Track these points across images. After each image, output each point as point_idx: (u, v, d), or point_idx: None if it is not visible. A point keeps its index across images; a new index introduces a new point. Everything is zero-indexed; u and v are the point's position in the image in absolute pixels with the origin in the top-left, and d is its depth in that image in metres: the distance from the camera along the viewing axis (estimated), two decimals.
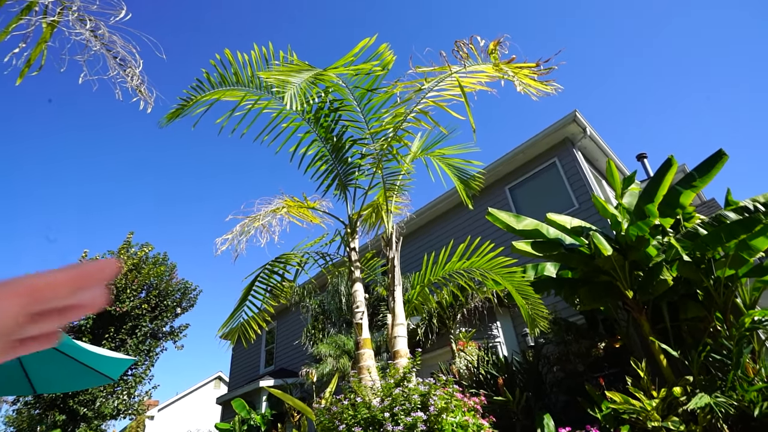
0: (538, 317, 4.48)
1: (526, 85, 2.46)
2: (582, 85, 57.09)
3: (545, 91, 2.58)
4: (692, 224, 6.07)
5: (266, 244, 3.99)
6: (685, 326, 5.63)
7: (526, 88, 2.47)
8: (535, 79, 2.55)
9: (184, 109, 3.25)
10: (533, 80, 2.55)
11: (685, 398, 4.39)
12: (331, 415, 2.42)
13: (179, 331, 13.14)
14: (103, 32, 2.23)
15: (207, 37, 46.96)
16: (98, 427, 11.12)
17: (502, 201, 9.81)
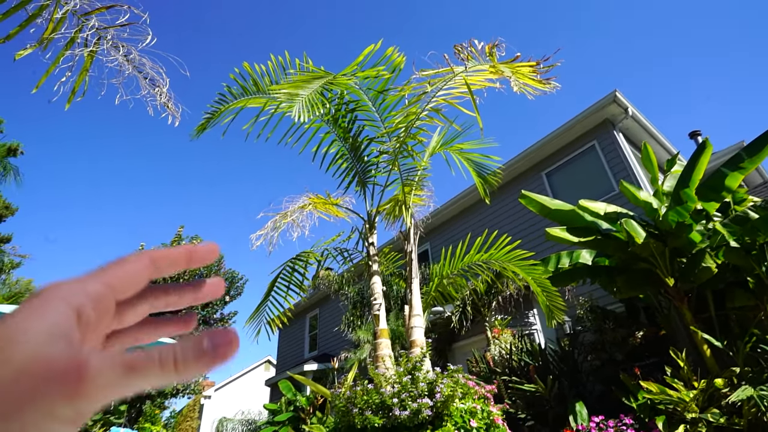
0: (555, 309, 4.45)
1: (522, 84, 2.44)
2: (626, 64, 53.38)
3: (542, 90, 2.54)
4: (743, 208, 5.70)
5: (297, 238, 4.21)
6: (733, 315, 5.34)
7: (523, 87, 2.45)
8: (535, 78, 2.52)
9: (212, 119, 3.49)
10: (533, 79, 2.52)
11: (728, 390, 4.22)
12: (346, 399, 2.60)
13: (228, 318, 14.00)
14: (134, 56, 2.44)
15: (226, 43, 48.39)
16: (161, 404, 12.18)
17: (538, 187, 9.57)
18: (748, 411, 3.90)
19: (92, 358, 0.21)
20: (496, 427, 2.63)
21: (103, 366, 0.21)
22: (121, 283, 0.26)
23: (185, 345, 0.24)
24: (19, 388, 0.19)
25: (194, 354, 0.23)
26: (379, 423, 2.37)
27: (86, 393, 0.20)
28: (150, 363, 0.22)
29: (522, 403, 5.53)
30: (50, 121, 43.04)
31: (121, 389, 0.22)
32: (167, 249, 0.29)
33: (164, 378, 0.23)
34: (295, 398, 10.47)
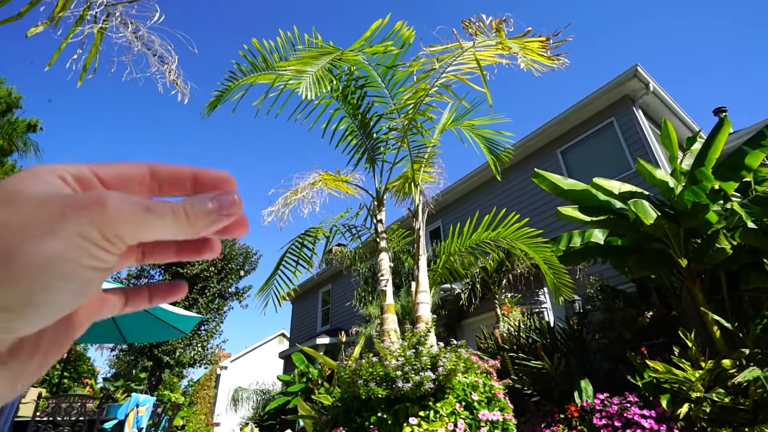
0: (563, 286, 4.46)
1: (530, 61, 2.37)
2: (649, 37, 51.17)
3: (550, 66, 2.47)
4: (764, 188, 5.55)
5: (308, 215, 4.27)
6: (747, 297, 5.28)
7: (530, 64, 2.39)
8: (544, 54, 2.45)
9: (223, 96, 3.51)
10: (542, 56, 2.45)
11: (736, 371, 4.22)
12: (351, 371, 2.70)
13: (243, 292, 14.37)
14: (143, 33, 2.46)
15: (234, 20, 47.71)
16: (179, 373, 12.71)
17: (553, 164, 9.42)
18: (754, 391, 3.91)
19: (110, 192, 0.23)
20: (498, 401, 2.70)
21: (122, 200, 0.23)
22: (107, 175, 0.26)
23: (194, 200, 0.25)
24: (47, 210, 0.21)
25: (202, 209, 0.25)
26: (383, 394, 2.46)
27: (109, 218, 0.22)
28: (164, 208, 0.24)
29: (528, 380, 5.62)
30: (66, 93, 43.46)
31: (141, 227, 0.23)
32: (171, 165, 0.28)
33: (178, 227, 0.24)
34: (307, 370, 10.81)
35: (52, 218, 0.21)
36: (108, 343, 13.50)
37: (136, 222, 0.23)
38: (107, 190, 0.24)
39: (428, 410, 2.43)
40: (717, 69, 68.11)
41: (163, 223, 0.24)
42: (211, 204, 0.25)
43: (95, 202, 0.22)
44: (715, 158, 4.60)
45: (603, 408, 4.72)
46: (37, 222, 0.21)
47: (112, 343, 10.95)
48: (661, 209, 5.22)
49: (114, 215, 0.22)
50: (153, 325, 6.86)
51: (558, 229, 8.46)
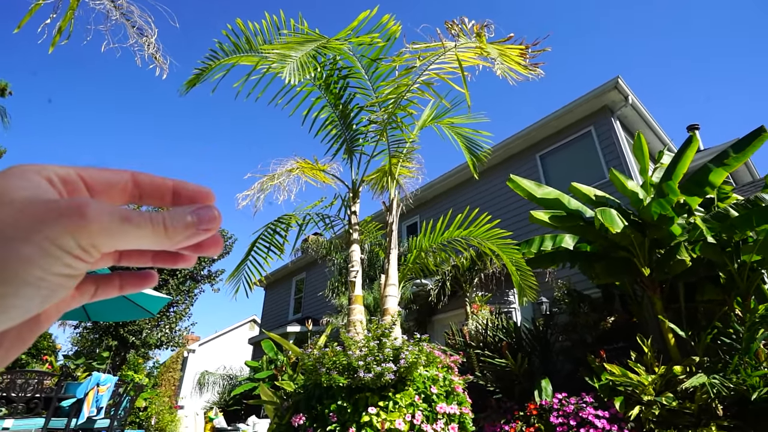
0: (528, 288, 4.59)
1: (506, 69, 2.42)
2: (632, 53, 52.41)
3: (526, 75, 2.53)
4: (725, 205, 5.80)
5: (283, 202, 4.24)
6: (702, 308, 5.53)
7: (507, 71, 2.43)
8: (522, 63, 2.49)
9: (203, 74, 3.43)
10: (520, 64, 2.50)
11: (685, 377, 4.43)
12: (315, 359, 2.72)
13: (215, 275, 14.18)
14: (122, 2, 2.38)
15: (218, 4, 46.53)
16: (145, 354, 12.48)
17: (531, 168, 9.60)
18: (699, 397, 4.12)
19: (92, 201, 0.23)
20: (457, 395, 2.77)
21: (103, 209, 0.23)
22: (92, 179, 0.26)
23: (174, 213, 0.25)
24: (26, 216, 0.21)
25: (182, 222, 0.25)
26: (344, 383, 2.49)
27: (87, 227, 0.22)
28: (144, 220, 0.24)
29: (492, 377, 5.76)
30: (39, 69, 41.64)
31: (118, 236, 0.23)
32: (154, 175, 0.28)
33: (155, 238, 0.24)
34: (276, 357, 10.78)
35: (30, 225, 0.21)
36: (71, 320, 13.12)
37: (114, 232, 0.23)
38: (88, 198, 0.23)
39: (388, 401, 2.48)
40: (696, 87, 70.74)
41: (141, 234, 0.24)
42: (190, 217, 0.25)
43: (75, 210, 0.22)
44: (683, 173, 4.79)
45: (560, 407, 4.89)
46: (14, 228, 0.21)
47: (76, 320, 10.66)
48: (629, 219, 5.41)
49: (92, 225, 0.22)
50: (119, 304, 6.71)
51: (533, 231, 8.65)
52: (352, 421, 2.50)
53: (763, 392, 3.90)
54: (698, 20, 52.71)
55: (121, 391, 5.68)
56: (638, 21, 46.53)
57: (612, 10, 51.16)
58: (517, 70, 2.50)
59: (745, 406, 4.16)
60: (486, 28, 2.51)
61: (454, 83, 3.13)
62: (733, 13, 55.17)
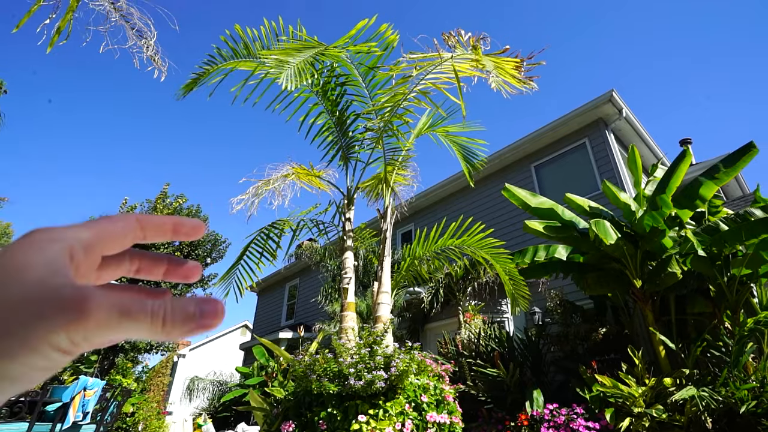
0: (521, 298, 4.61)
1: (501, 82, 2.45)
2: (627, 65, 53.29)
3: (520, 89, 2.56)
4: (716, 219, 5.87)
5: (277, 207, 4.24)
6: (692, 320, 5.58)
7: (501, 85, 2.46)
8: (516, 76, 2.53)
9: (200, 79, 3.44)
10: (514, 78, 2.53)
11: (675, 389, 4.45)
12: (305, 366, 2.71)
13: (209, 279, 14.08)
14: (122, 3, 2.39)
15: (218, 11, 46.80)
16: (134, 358, 12.32)
17: (526, 179, 9.67)
18: (689, 409, 4.13)
19: (95, 293, 0.22)
20: (447, 404, 2.76)
21: (103, 303, 0.22)
22: (109, 237, 0.26)
23: (175, 305, 0.24)
24: (26, 307, 0.21)
25: (182, 316, 0.24)
26: (334, 390, 2.48)
27: (84, 325, 0.21)
28: (143, 314, 0.23)
29: (483, 386, 5.75)
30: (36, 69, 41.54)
31: (113, 331, 0.22)
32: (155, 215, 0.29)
33: (152, 332, 0.23)
34: (267, 363, 10.68)
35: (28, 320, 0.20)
36: None
37: (111, 327, 0.22)
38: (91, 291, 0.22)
39: (378, 409, 2.47)
40: (690, 101, 72.08)
41: (137, 328, 0.23)
42: (193, 309, 0.25)
43: (77, 306, 0.21)
44: (676, 186, 4.85)
45: (552, 418, 4.89)
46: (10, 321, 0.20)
47: None
48: (622, 230, 5.45)
49: (89, 322, 0.21)
50: None
51: (528, 241, 8.69)
52: (342, 429, 2.48)
53: (751, 405, 3.92)
54: (692, 35, 53.72)
55: (109, 396, 5.60)
56: (634, 34, 47.55)
57: (608, 24, 52.30)
58: (511, 83, 2.54)
59: (733, 419, 4.19)
60: (482, 41, 2.54)
61: (450, 93, 3.17)
62: (726, 28, 56.29)
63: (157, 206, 13.19)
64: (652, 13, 47.94)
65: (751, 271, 4.91)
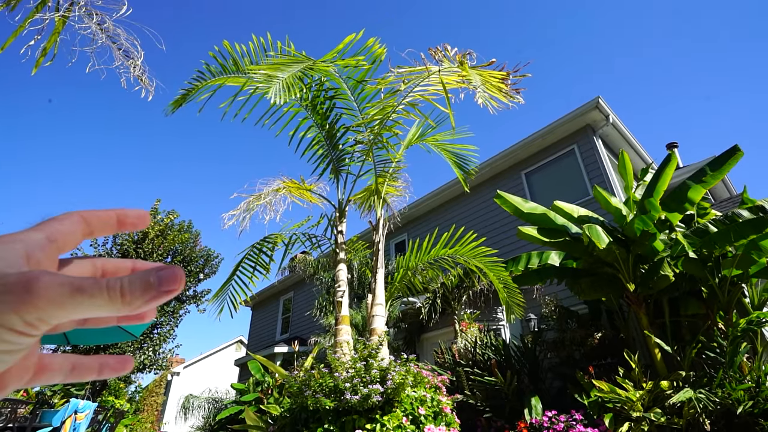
0: (515, 305, 4.62)
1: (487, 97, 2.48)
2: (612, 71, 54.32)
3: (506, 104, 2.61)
4: (705, 221, 5.95)
5: (269, 222, 4.23)
6: (685, 323, 5.61)
7: (488, 100, 2.50)
8: (502, 90, 2.57)
9: (189, 95, 3.45)
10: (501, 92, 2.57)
11: (672, 392, 4.46)
12: (300, 382, 2.68)
13: (201, 296, 13.91)
14: (108, 25, 2.40)
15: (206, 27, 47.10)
16: (127, 378, 12.08)
17: (517, 185, 9.74)
18: (687, 412, 4.14)
19: (43, 273, 0.22)
20: (445, 416, 2.74)
21: (53, 282, 0.22)
22: (60, 236, 0.26)
23: (132, 277, 0.24)
24: None
25: (141, 285, 0.24)
26: (330, 405, 2.45)
27: (34, 303, 0.21)
28: (97, 288, 0.23)
29: (481, 395, 5.71)
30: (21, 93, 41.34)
31: (69, 308, 0.23)
32: (96, 210, 0.29)
33: (112, 306, 0.23)
34: (263, 379, 10.53)
35: None
36: (50, 344, 12.67)
37: (65, 304, 0.22)
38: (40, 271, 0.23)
39: (375, 423, 2.44)
40: (675, 105, 73.36)
41: (96, 303, 0.23)
42: (151, 277, 0.24)
43: (22, 286, 0.22)
44: (663, 190, 4.91)
45: (551, 425, 4.86)
46: None
47: (54, 344, 10.33)
48: (613, 235, 5.50)
49: (39, 300, 0.22)
50: None
51: (520, 248, 8.72)
52: None
53: (748, 406, 3.94)
54: (677, 38, 54.82)
55: (101, 418, 5.48)
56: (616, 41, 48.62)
57: (592, 31, 53.49)
58: (497, 98, 2.57)
59: (731, 420, 4.20)
60: (468, 56, 2.58)
61: (439, 104, 3.21)
62: (709, 33, 57.59)
63: None
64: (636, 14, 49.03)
65: (742, 271, 4.97)
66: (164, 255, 12.93)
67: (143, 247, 12.40)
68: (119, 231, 0.30)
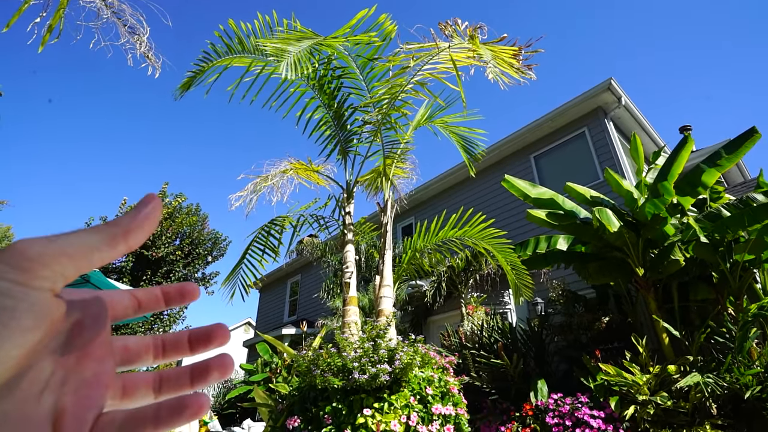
0: (524, 287, 4.59)
1: (498, 72, 2.40)
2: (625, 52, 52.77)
3: (517, 79, 2.53)
4: (718, 205, 5.85)
5: (276, 203, 4.22)
6: (695, 307, 5.57)
7: (498, 75, 2.41)
8: (514, 66, 2.49)
9: (197, 77, 3.40)
10: (512, 67, 2.50)
11: (680, 376, 4.45)
12: (309, 361, 2.70)
13: (210, 278, 14.07)
14: (113, 1, 2.36)
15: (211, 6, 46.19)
16: None
17: (526, 169, 9.63)
18: (694, 396, 4.13)
19: None
20: (452, 396, 2.76)
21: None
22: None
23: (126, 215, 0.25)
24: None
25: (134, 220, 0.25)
26: (339, 384, 2.47)
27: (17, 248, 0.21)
28: None
29: (487, 377, 5.75)
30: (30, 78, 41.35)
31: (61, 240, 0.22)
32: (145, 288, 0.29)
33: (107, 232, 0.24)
34: (271, 360, 10.70)
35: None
36: None
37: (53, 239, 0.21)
38: None
39: (383, 402, 2.46)
40: (687, 87, 71.02)
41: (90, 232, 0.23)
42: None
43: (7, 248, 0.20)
44: (678, 174, 4.82)
45: (556, 407, 4.89)
46: None
47: None
48: (623, 219, 5.43)
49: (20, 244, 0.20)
50: None
51: (529, 231, 8.67)
52: (347, 423, 2.48)
53: (756, 391, 3.92)
54: (688, 21, 52.82)
55: None
56: (630, 22, 46.90)
57: (603, 12, 51.48)
58: (508, 74, 2.50)
59: (738, 405, 4.19)
60: (479, 29, 2.50)
61: (449, 82, 3.13)
62: (722, 16, 55.90)
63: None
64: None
65: (754, 256, 4.90)
66: (173, 238, 13.06)
67: None
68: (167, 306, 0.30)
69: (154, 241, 12.45)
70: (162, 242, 12.54)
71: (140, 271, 12.48)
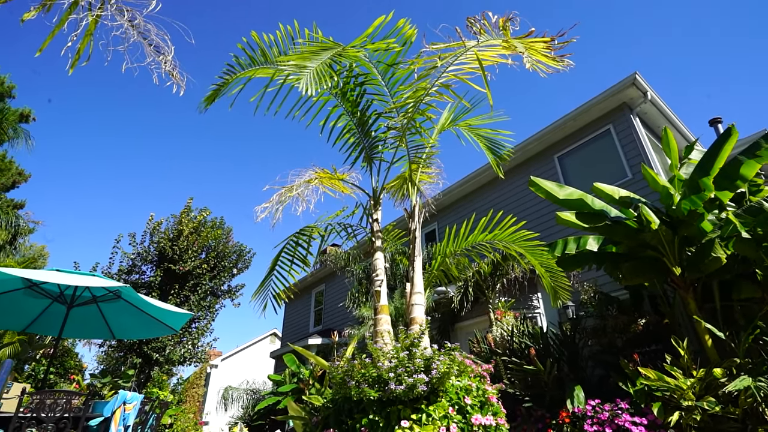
0: (561, 289, 4.45)
1: (535, 62, 2.35)
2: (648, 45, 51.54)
3: (555, 67, 2.46)
4: (758, 198, 5.58)
5: (302, 213, 4.23)
6: (738, 307, 5.29)
7: (536, 65, 2.36)
8: (548, 55, 2.43)
9: (221, 89, 3.46)
10: (545, 56, 2.43)
11: (727, 380, 4.22)
12: (343, 372, 2.66)
13: (236, 290, 14.25)
14: (139, 21, 2.41)
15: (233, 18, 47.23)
16: (169, 371, 12.58)
17: (550, 170, 9.44)
18: (744, 401, 3.91)
19: None
20: (491, 405, 2.67)
21: None
22: None
23: None
24: None
25: None
26: (375, 396, 2.42)
27: None
28: None
29: (520, 384, 5.60)
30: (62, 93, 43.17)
31: None
32: None
33: None
34: (298, 370, 10.72)
35: None
36: (96, 339, 13.29)
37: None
38: None
39: (420, 413, 2.40)
40: (712, 78, 67.97)
41: None
42: None
43: None
44: (719, 168, 4.60)
45: (594, 414, 4.71)
46: None
47: (101, 338, 10.83)
48: (658, 216, 5.23)
49: None
50: (143, 321, 6.77)
51: (556, 233, 8.47)
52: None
53: None
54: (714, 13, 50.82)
55: (147, 409, 5.69)
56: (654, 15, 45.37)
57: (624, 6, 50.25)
58: (545, 63, 2.44)
59: None
60: (511, 21, 2.46)
61: (474, 83, 3.09)
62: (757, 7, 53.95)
63: (182, 220, 13.45)
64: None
65: None
66: (198, 251, 13.29)
67: (179, 245, 12.78)
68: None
69: (180, 256, 12.70)
70: (188, 256, 12.78)
71: (168, 285, 12.73)
